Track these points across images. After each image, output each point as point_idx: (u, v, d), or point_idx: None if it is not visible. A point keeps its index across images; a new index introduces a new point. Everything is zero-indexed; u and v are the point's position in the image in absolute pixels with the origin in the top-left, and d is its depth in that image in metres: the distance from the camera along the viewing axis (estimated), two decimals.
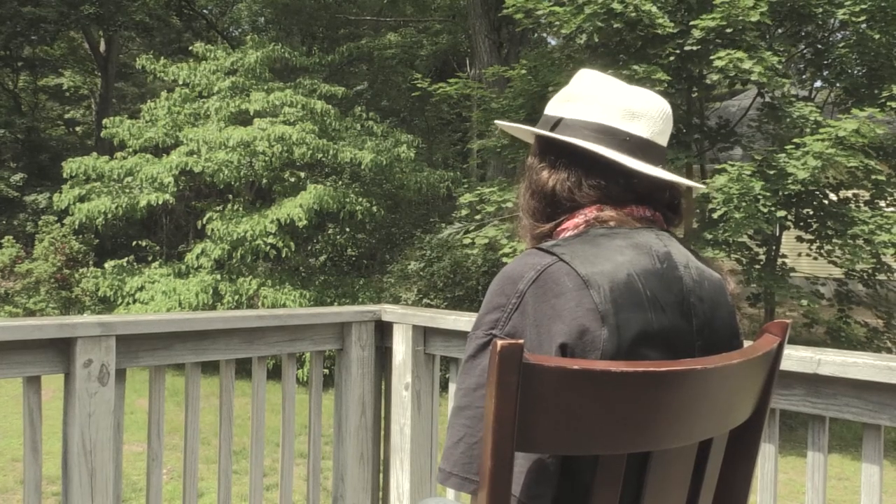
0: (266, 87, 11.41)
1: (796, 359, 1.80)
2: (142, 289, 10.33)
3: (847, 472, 6.44)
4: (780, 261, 8.48)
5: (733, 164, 6.98)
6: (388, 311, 2.74)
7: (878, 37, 7.39)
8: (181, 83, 11.72)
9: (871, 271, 8.25)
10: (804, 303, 7.51)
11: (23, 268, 12.67)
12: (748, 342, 1.29)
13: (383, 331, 2.79)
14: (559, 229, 1.30)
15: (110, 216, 10.52)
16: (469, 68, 15.55)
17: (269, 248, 10.20)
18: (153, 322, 2.20)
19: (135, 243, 13.16)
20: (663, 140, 1.33)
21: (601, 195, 1.27)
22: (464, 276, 10.08)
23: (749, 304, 8.64)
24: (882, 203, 7.97)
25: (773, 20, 7.47)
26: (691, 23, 7.20)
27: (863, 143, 6.83)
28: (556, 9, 7.66)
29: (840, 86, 8.40)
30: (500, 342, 0.94)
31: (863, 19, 7.34)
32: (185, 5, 20.52)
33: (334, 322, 2.68)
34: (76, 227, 11.25)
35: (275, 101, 10.68)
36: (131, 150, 11.16)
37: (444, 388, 4.87)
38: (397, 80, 17.78)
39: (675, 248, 1.26)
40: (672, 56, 7.31)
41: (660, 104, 1.32)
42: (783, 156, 7.06)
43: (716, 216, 6.89)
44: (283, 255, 10.51)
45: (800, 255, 8.68)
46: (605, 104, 1.30)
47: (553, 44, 11.15)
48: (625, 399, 1.02)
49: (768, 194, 6.77)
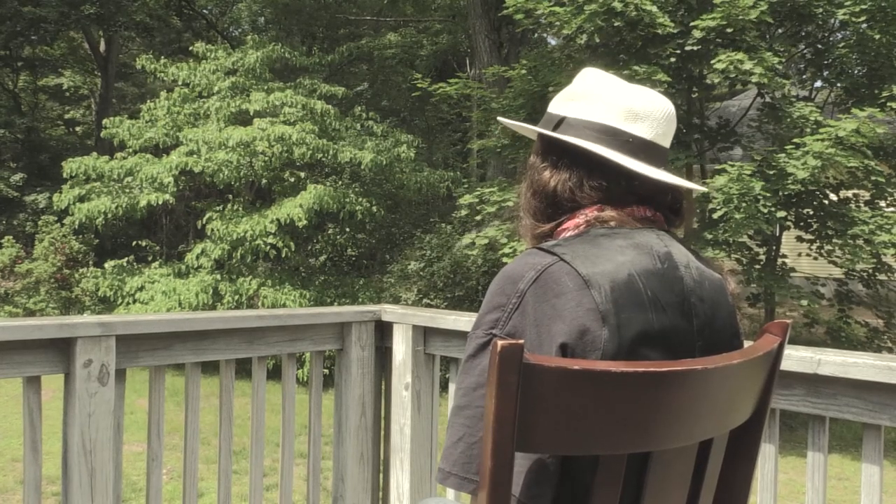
0: (266, 87, 11.40)
1: (796, 359, 1.80)
2: (142, 289, 10.33)
3: (847, 472, 6.43)
4: (780, 261, 8.48)
5: (733, 165, 6.98)
6: (388, 311, 2.74)
7: (878, 37, 7.39)
8: (181, 83, 11.71)
9: (871, 271, 8.26)
10: (804, 303, 7.51)
11: (23, 268, 12.67)
12: (748, 342, 1.29)
13: (383, 331, 2.79)
14: (560, 229, 1.29)
15: (110, 216, 10.52)
16: (469, 68, 15.56)
17: (268, 248, 10.20)
18: (153, 322, 2.20)
19: (135, 243, 13.15)
20: (666, 142, 1.32)
21: (602, 196, 1.27)
22: (464, 276, 10.08)
23: (749, 304, 8.63)
24: (882, 203, 7.97)
25: (773, 20, 7.46)
26: (692, 23, 7.20)
27: (863, 143, 6.83)
28: (557, 9, 7.65)
29: (840, 86, 8.40)
30: (500, 342, 0.94)
31: (863, 19, 7.34)
32: (185, 5, 20.51)
33: (334, 322, 2.68)
34: (76, 227, 11.24)
35: (275, 101, 10.67)
36: (131, 150, 11.15)
37: (444, 388, 4.87)
38: (397, 80, 17.78)
39: (676, 248, 1.26)
40: (672, 56, 7.31)
41: (663, 105, 1.32)
42: (783, 156, 7.05)
43: (716, 216, 6.88)
44: (283, 255, 10.50)
45: (800, 255, 8.68)
46: (608, 104, 1.29)
47: (553, 44, 11.15)
48: (625, 399, 1.01)
49: (768, 194, 6.77)
